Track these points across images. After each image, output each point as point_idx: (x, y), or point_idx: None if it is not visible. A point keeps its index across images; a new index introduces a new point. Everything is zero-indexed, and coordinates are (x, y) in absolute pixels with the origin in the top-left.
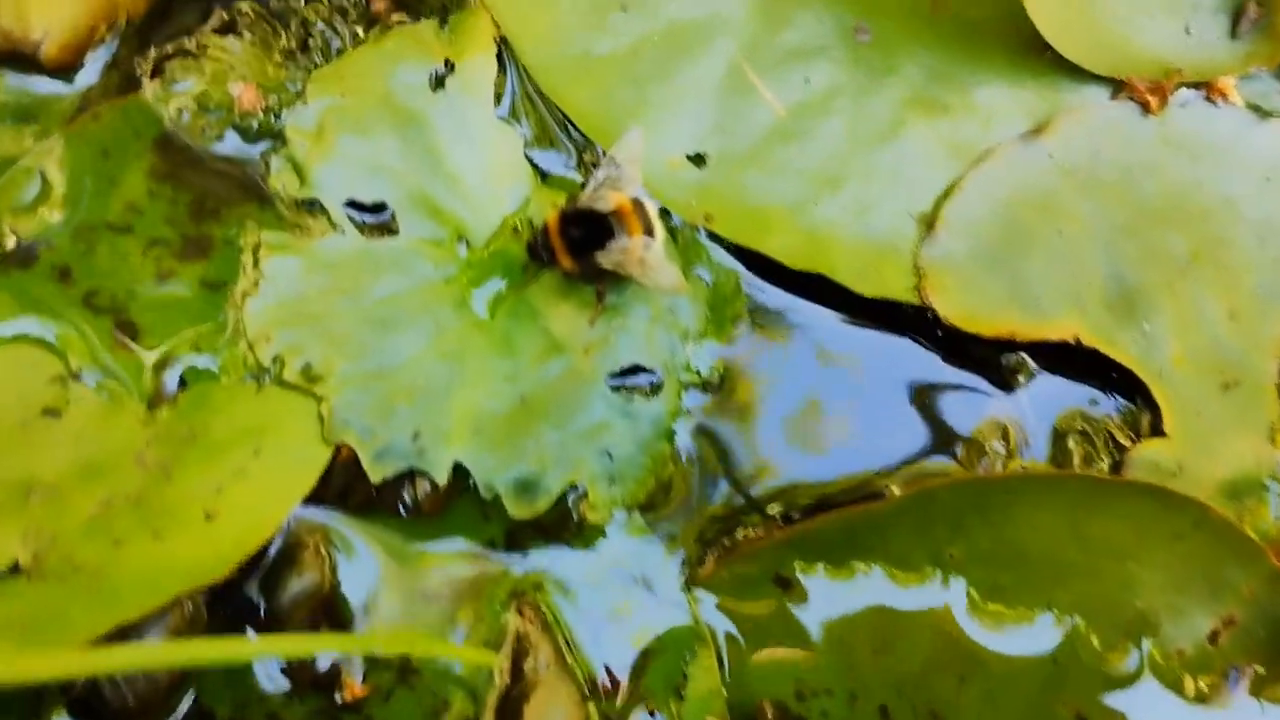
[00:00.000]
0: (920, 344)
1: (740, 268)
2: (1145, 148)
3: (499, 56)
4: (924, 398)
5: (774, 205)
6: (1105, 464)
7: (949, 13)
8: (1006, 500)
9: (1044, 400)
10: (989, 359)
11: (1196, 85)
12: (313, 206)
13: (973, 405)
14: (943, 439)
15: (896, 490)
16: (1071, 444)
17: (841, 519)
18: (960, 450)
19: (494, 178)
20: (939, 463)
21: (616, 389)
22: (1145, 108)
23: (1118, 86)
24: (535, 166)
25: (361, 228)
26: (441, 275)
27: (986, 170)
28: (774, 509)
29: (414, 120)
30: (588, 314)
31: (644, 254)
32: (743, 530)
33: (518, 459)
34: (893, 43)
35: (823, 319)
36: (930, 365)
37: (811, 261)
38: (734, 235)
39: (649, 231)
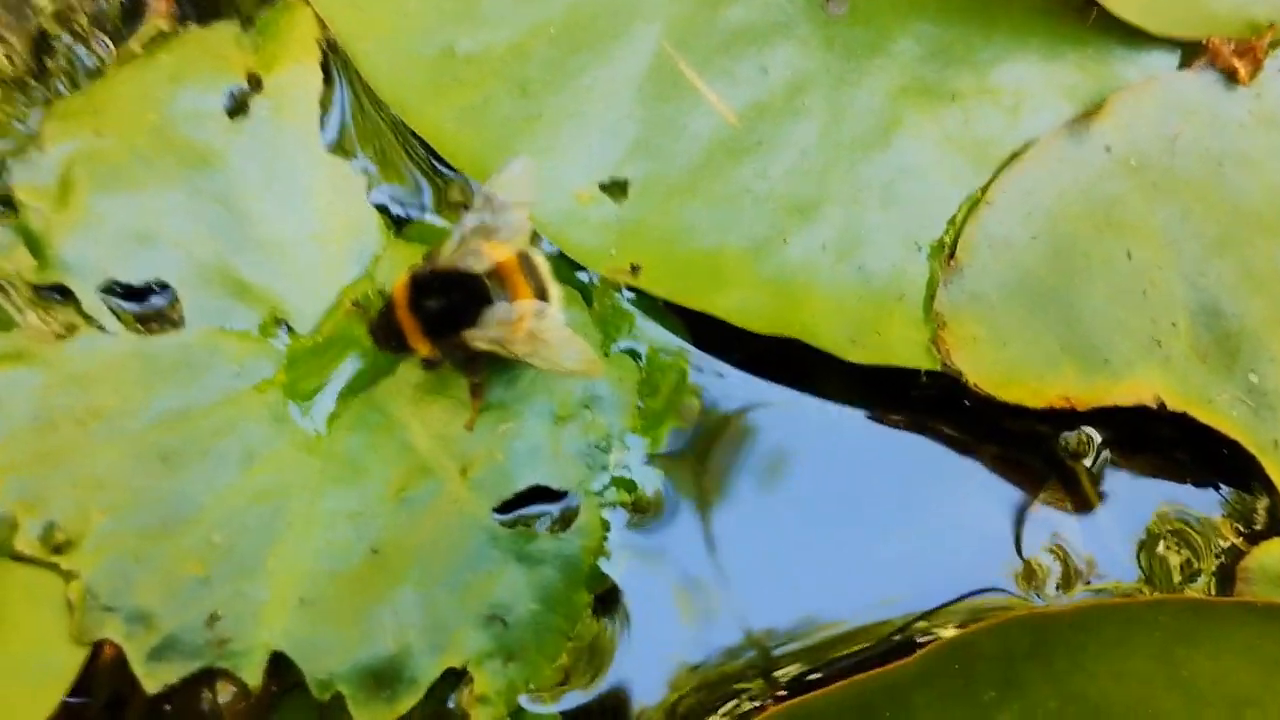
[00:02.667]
0: (941, 426)
1: (681, 339)
2: (1236, 132)
3: (325, 65)
4: (950, 505)
5: (726, 248)
6: (1210, 578)
7: None
8: (1075, 641)
9: (1119, 494)
10: (1039, 440)
11: None
12: (57, 295)
13: (1019, 509)
14: (980, 562)
15: (925, 638)
16: (1162, 552)
17: (847, 692)
18: (1005, 576)
19: (325, 235)
20: (977, 599)
21: (510, 524)
22: (1231, 77)
23: (1191, 51)
24: (385, 214)
25: (130, 320)
26: (250, 379)
27: (1020, 176)
28: (752, 683)
29: (205, 162)
30: (463, 418)
31: (535, 326)
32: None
33: (368, 638)
34: (877, 12)
35: (801, 406)
36: (956, 456)
37: (782, 323)
38: (672, 293)
39: (541, 294)
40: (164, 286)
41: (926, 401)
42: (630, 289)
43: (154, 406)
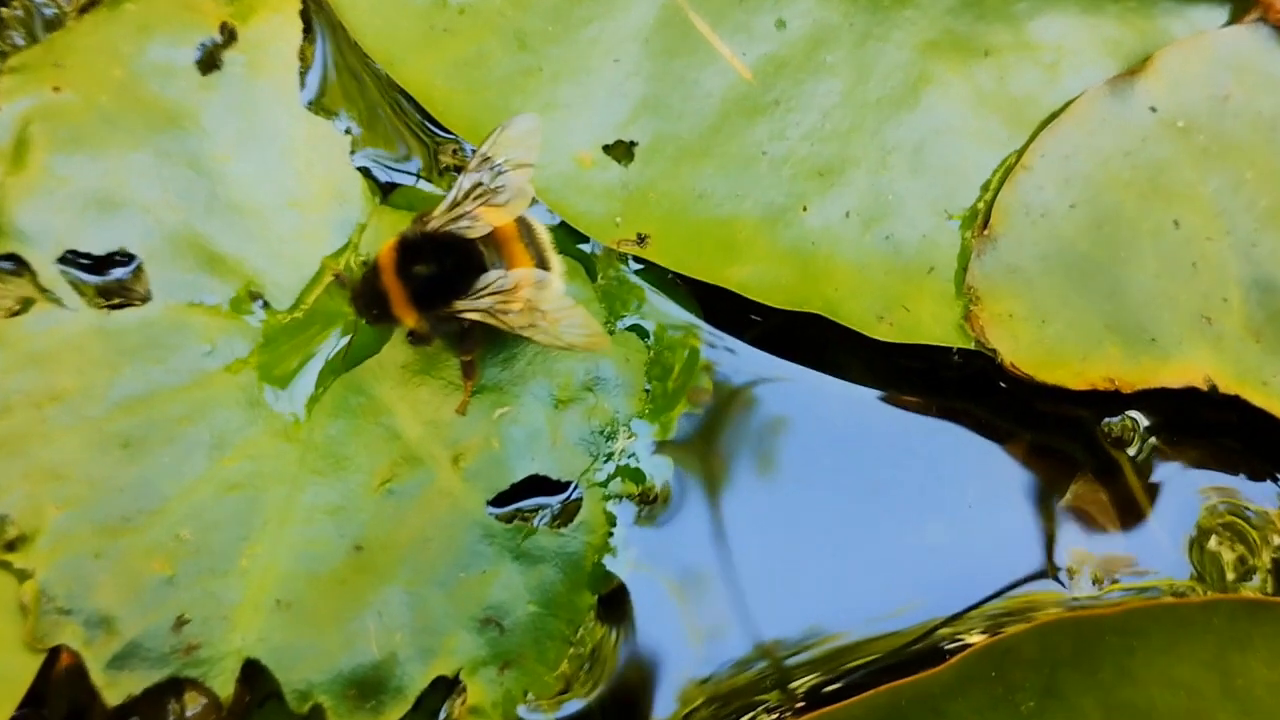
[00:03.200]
0: (973, 410)
1: (691, 315)
2: None
3: (305, 16)
4: (978, 496)
5: (741, 216)
6: (1266, 576)
7: None
8: (1121, 646)
9: (1167, 485)
10: (1079, 424)
11: None
12: (11, 265)
13: (1054, 500)
14: (1015, 559)
15: (951, 645)
16: (1214, 548)
17: (876, 702)
18: (1044, 575)
19: (304, 201)
20: (1015, 597)
21: (507, 519)
22: None
23: (1242, 4)
24: (370, 178)
25: (90, 294)
26: (222, 359)
27: (1059, 138)
28: (769, 695)
29: (174, 121)
30: (454, 401)
31: (534, 296)
32: None
33: (350, 644)
34: None
35: (821, 387)
36: (986, 442)
37: (801, 297)
38: (682, 265)
39: (541, 263)
40: (128, 257)
41: (956, 384)
42: (637, 260)
43: (116, 389)
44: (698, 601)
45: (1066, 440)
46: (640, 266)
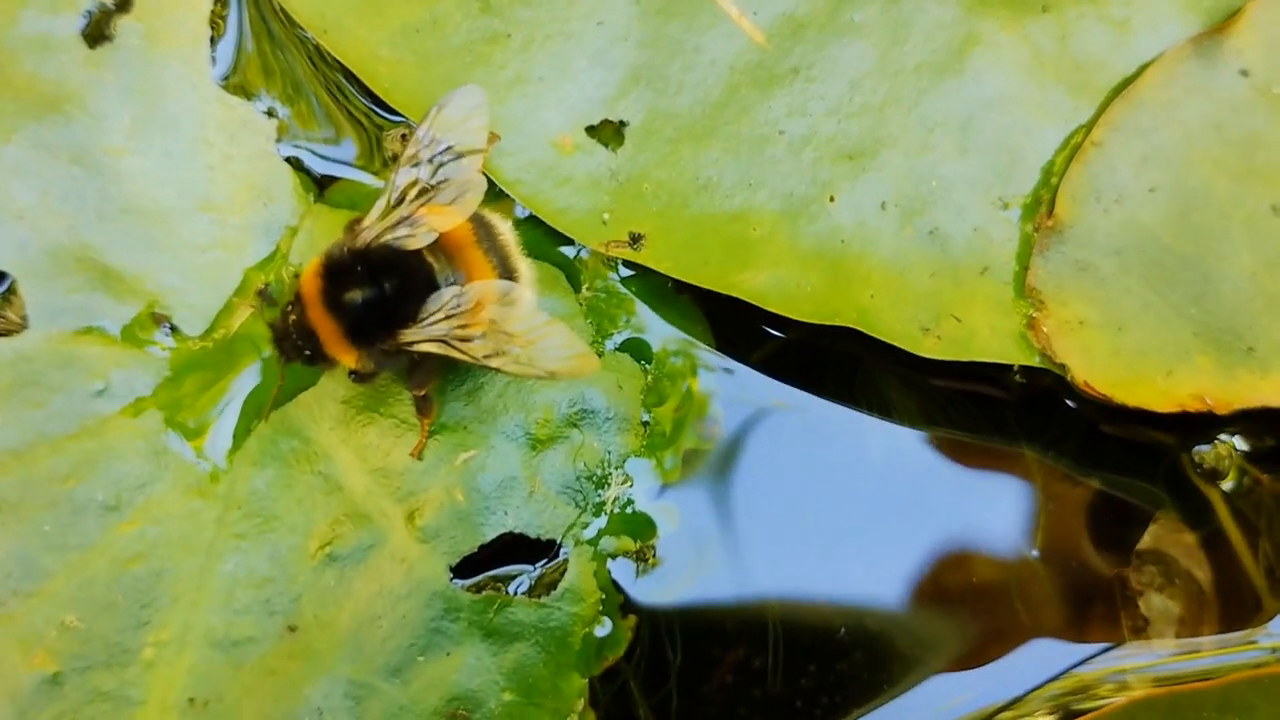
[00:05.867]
0: (1036, 437)
1: (696, 332)
2: None
3: None
4: (1050, 541)
5: (754, 209)
6: None
7: None
8: None
9: (1271, 524)
10: (1161, 452)
11: None
12: None
13: (1129, 545)
14: (1091, 617)
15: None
16: None
17: None
18: (1113, 636)
19: (219, 201)
20: (1088, 672)
21: (475, 588)
22: None
23: None
24: (301, 171)
25: None
26: (118, 400)
27: (1134, 110)
28: None
29: (54, 106)
30: (408, 444)
31: (499, 315)
32: None
33: None
34: None
35: (853, 420)
36: (1055, 476)
37: (831, 308)
38: (684, 270)
39: (506, 272)
40: None
41: (1016, 407)
42: (629, 266)
43: None
44: (712, 675)
45: (1145, 471)
46: (632, 273)
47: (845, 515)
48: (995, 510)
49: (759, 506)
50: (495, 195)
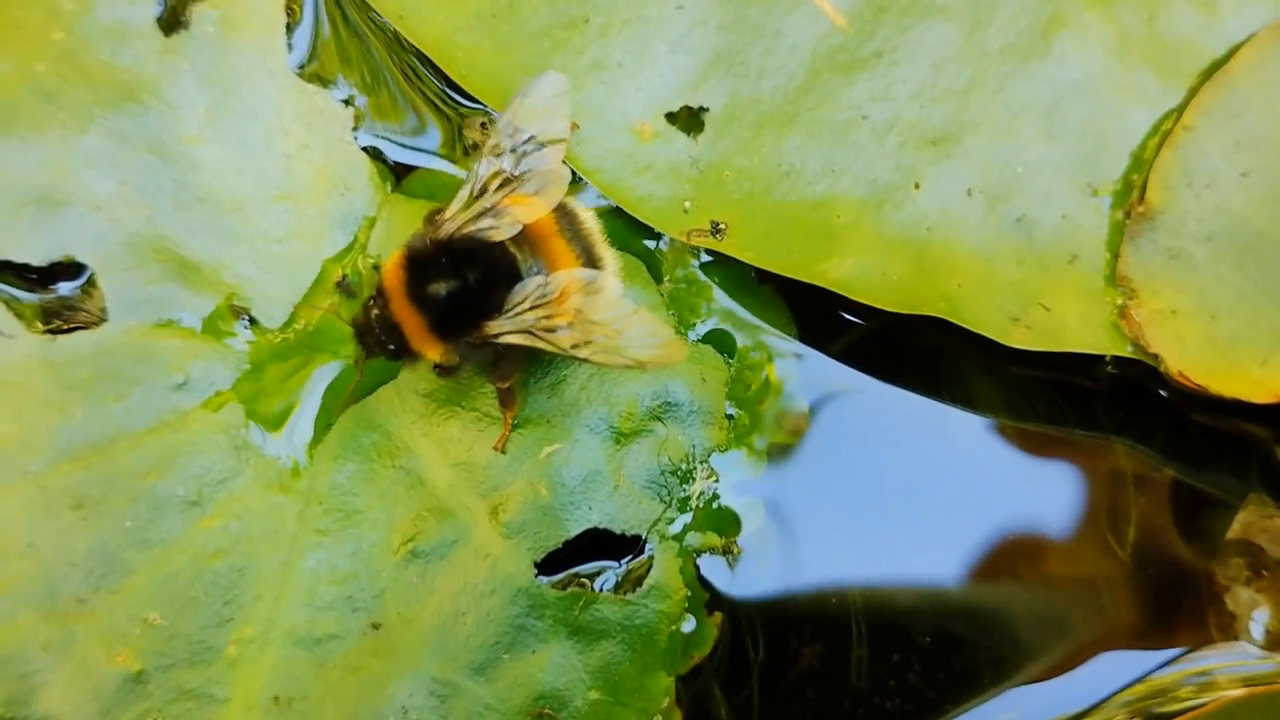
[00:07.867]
0: (1125, 428)
1: (780, 322)
2: None
3: None
4: (1140, 538)
5: (838, 197)
6: None
7: None
8: None
9: None
10: (1256, 445)
11: None
12: None
13: (1217, 537)
14: (1179, 615)
15: None
16: None
17: None
18: (1210, 629)
19: (296, 191)
20: (1165, 675)
21: (560, 585)
22: None
23: None
24: (379, 160)
25: (30, 316)
26: (199, 393)
27: (1226, 92)
28: None
29: (131, 95)
30: (491, 437)
31: (585, 305)
32: None
33: None
34: None
35: (937, 412)
36: (1144, 467)
37: (917, 297)
38: (767, 259)
39: (590, 261)
40: (77, 268)
41: (1106, 397)
42: (709, 254)
43: (65, 436)
44: (808, 671)
45: (1236, 465)
46: (711, 259)
47: (928, 510)
48: (1081, 504)
49: (842, 500)
50: (573, 183)
